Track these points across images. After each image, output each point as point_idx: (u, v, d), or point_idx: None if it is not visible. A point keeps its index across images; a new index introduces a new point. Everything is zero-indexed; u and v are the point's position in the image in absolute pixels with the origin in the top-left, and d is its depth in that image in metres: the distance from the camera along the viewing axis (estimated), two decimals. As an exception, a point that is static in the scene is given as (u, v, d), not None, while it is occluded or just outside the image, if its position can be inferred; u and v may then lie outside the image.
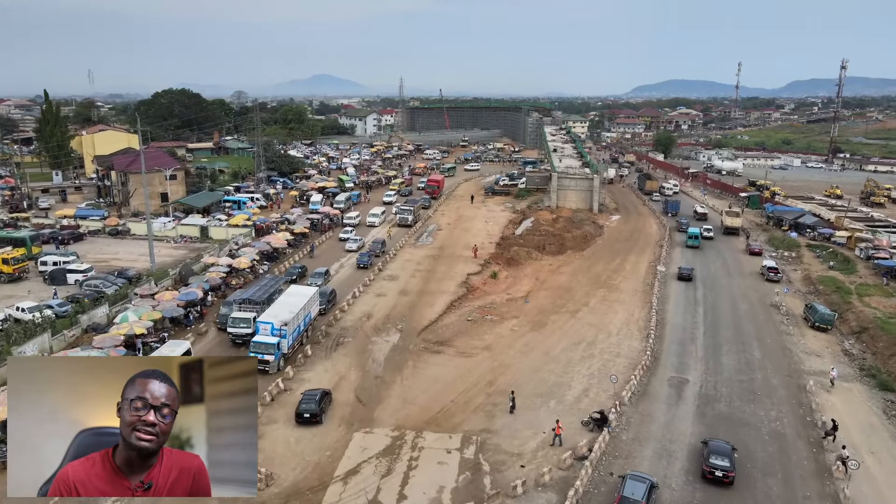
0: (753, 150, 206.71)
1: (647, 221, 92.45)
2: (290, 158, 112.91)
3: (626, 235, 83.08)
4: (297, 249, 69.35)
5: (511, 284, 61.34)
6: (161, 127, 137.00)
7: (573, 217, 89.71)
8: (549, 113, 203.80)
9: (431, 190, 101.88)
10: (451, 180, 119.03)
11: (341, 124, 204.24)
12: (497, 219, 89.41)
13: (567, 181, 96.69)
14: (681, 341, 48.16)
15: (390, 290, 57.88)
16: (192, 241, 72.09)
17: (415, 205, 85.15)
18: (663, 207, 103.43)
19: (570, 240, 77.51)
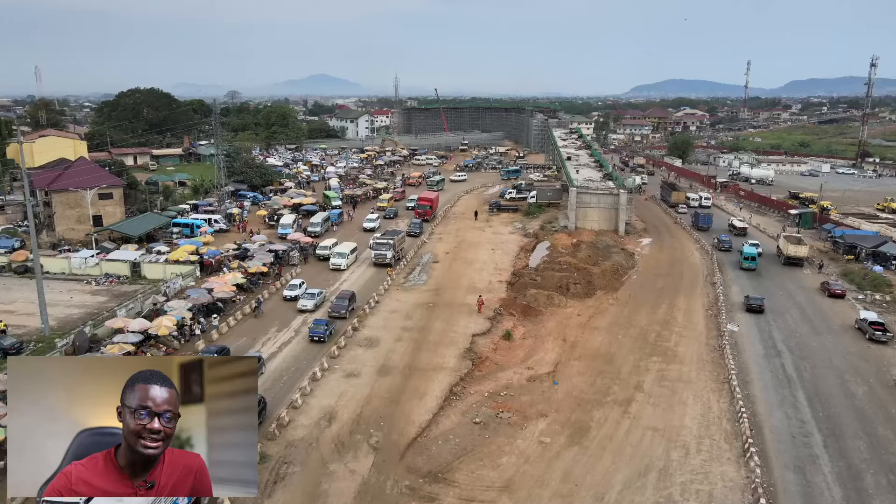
0: (772, 153, 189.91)
1: (686, 246, 75.80)
2: (263, 168, 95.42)
3: (666, 267, 66.47)
4: (251, 295, 52.62)
5: (531, 349, 44.75)
6: (124, 130, 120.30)
7: (597, 242, 73.10)
8: (555, 114, 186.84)
9: (423, 211, 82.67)
10: (446, 194, 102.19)
11: (331, 127, 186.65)
12: (506, 244, 72.70)
13: (588, 197, 80.00)
14: (797, 465, 31.49)
15: (366, 364, 41.12)
16: (120, 282, 55.46)
17: (396, 237, 64.76)
18: (692, 221, 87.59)
19: (599, 276, 60.91)
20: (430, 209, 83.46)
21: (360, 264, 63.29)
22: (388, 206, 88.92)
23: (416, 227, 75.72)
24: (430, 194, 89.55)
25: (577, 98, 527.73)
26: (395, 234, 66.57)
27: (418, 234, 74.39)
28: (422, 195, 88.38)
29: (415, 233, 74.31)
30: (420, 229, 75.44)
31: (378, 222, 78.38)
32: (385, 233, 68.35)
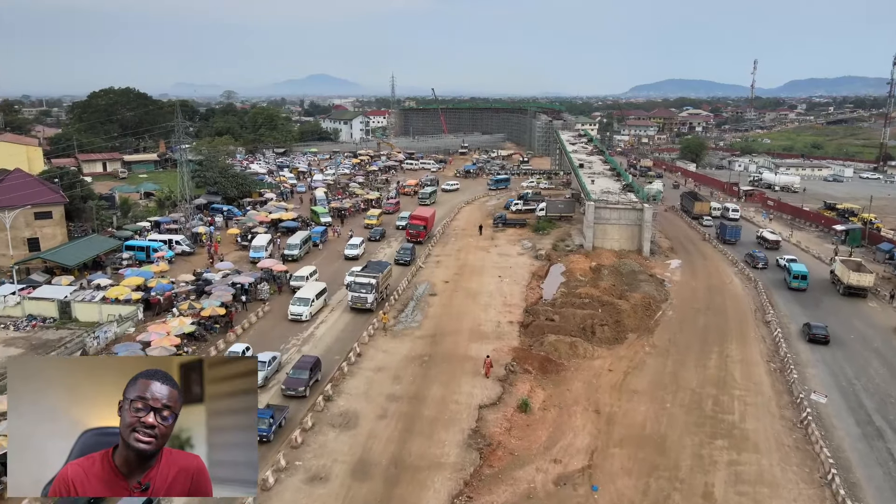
0: (785, 155, 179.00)
1: (721, 269, 65.01)
2: (240, 178, 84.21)
3: (704, 297, 55.72)
4: (202, 347, 41.65)
5: (556, 426, 33.97)
6: (95, 133, 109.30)
7: (619, 266, 62.38)
8: (559, 115, 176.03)
9: (415, 232, 69.22)
10: (444, 206, 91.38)
11: (324, 129, 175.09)
12: (515, 269, 61.81)
13: (607, 213, 69.16)
14: None
15: (338, 459, 30.22)
16: (45, 326, 44.60)
17: (380, 272, 50.90)
18: (718, 234, 77.45)
19: (630, 313, 50.16)
20: (423, 230, 69.75)
21: (335, 308, 49.67)
22: (376, 223, 75.35)
23: (406, 253, 61.93)
24: (423, 211, 75.12)
25: (576, 98, 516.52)
26: (380, 267, 52.68)
27: (409, 262, 60.93)
28: (414, 213, 73.81)
29: (404, 261, 60.82)
30: (411, 256, 61.81)
31: (362, 248, 64.44)
32: (367, 265, 53.99)
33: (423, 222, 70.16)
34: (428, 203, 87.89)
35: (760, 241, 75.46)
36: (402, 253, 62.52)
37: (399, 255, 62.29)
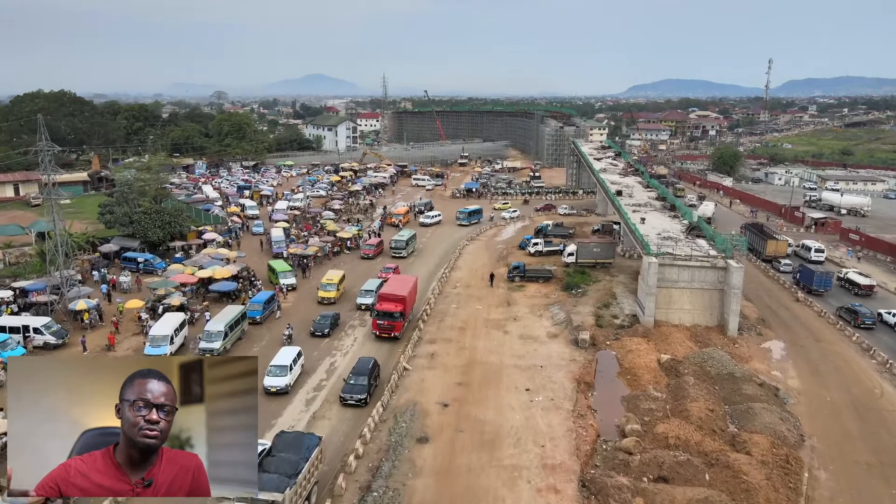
0: (821, 164, 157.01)
1: (847, 357, 43.13)
2: (167, 214, 59.71)
3: (855, 428, 34.03)
4: None
5: None
6: (15, 147, 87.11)
7: (703, 360, 40.59)
8: (570, 119, 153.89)
9: (387, 324, 42.57)
10: (443, 242, 69.34)
11: (305, 137, 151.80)
12: (549, 371, 39.55)
13: (674, 273, 47.11)
14: None
15: None
16: None
17: (306, 451, 25.53)
18: (795, 279, 57.94)
19: (764, 485, 28.27)
20: (400, 318, 42.79)
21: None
22: (335, 294, 49.12)
23: (359, 380, 34.52)
24: (398, 284, 46.33)
25: (575, 98, 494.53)
26: (307, 443, 26.27)
27: (363, 399, 33.84)
28: (384, 290, 44.97)
29: (356, 399, 33.78)
30: (370, 382, 34.61)
31: (299, 365, 36.96)
32: (279, 436, 27.19)
33: (399, 305, 43.06)
34: (404, 255, 62.58)
35: (847, 286, 55.79)
36: (352, 380, 34.85)
37: (349, 385, 34.58)
